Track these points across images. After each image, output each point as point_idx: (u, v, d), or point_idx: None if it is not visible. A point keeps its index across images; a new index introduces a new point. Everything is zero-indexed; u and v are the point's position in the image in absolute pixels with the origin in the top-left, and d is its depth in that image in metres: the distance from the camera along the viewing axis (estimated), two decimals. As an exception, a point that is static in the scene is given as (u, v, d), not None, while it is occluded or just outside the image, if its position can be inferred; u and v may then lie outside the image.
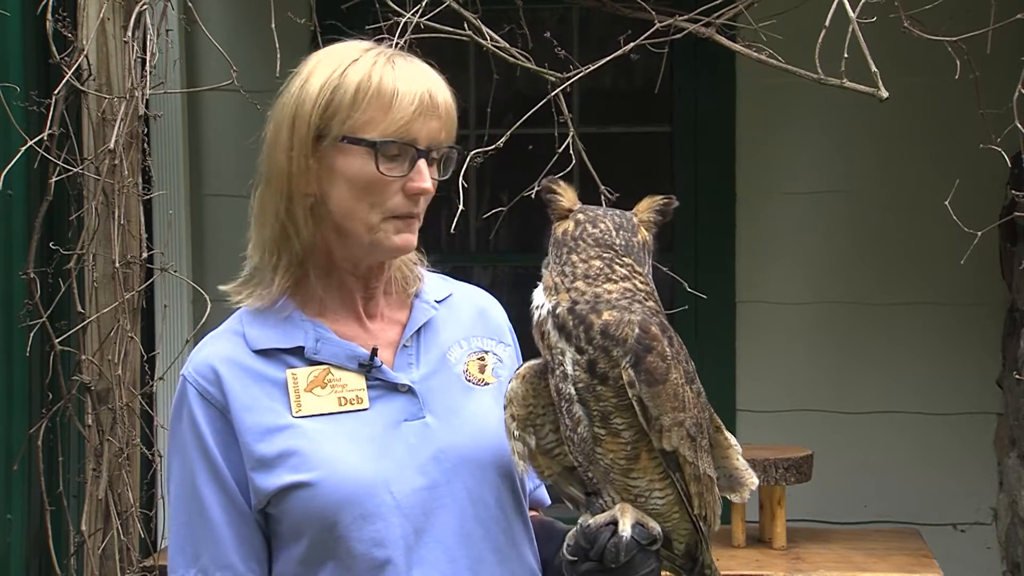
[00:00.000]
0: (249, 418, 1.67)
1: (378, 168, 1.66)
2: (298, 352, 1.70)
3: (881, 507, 4.29)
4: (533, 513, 1.83)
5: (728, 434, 1.69)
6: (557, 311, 1.57)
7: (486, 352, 1.78)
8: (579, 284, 1.57)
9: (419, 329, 1.76)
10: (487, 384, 1.76)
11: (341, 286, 1.74)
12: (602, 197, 3.01)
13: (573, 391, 1.57)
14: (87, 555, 3.00)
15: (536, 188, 2.54)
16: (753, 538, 3.77)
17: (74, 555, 3.09)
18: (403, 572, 1.64)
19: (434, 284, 1.83)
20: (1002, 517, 4.19)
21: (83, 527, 2.98)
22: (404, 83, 1.67)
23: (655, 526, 1.59)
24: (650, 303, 1.59)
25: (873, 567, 3.53)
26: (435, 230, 3.59)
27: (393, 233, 1.69)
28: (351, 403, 1.68)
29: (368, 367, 1.70)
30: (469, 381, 1.75)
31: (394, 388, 1.70)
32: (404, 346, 1.74)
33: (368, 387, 1.69)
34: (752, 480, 1.70)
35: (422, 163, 1.67)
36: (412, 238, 1.71)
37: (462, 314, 1.81)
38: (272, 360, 1.70)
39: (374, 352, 1.70)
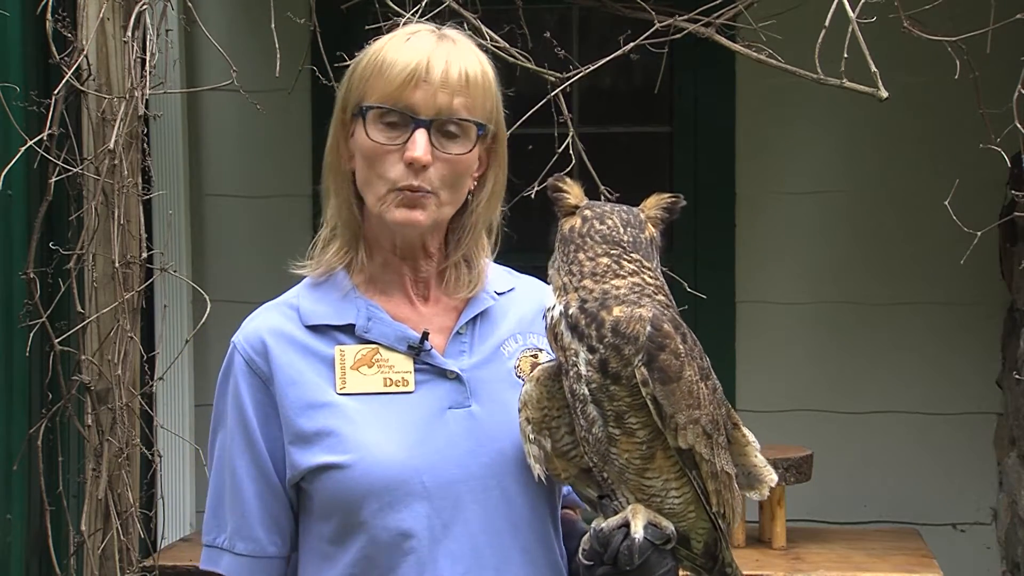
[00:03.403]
0: (292, 392, 1.68)
1: (367, 134, 1.67)
2: (349, 329, 1.70)
3: (881, 507, 4.29)
4: (565, 510, 1.82)
5: (746, 431, 1.68)
6: (570, 311, 1.56)
7: (540, 350, 1.75)
8: (587, 282, 1.56)
9: (476, 318, 1.75)
10: None
11: (388, 265, 1.73)
12: (602, 197, 3.00)
13: (587, 392, 1.56)
14: (87, 555, 3.00)
15: (537, 188, 2.53)
16: (753, 538, 3.77)
17: (74, 555, 3.09)
18: (426, 561, 1.64)
19: (497, 276, 1.81)
20: (1002, 517, 4.19)
21: (83, 527, 2.98)
22: (406, 52, 1.66)
23: (668, 525, 1.58)
24: (660, 297, 1.57)
25: (873, 567, 3.53)
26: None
27: (394, 206, 1.67)
28: (397, 385, 1.68)
29: (417, 350, 1.69)
30: (519, 377, 1.72)
31: (442, 374, 1.69)
32: (458, 333, 1.73)
33: (416, 371, 1.69)
34: (771, 477, 1.68)
35: (418, 133, 1.64)
36: (415, 214, 1.67)
37: (523, 309, 1.79)
38: (323, 336, 1.70)
39: (424, 336, 1.69)
